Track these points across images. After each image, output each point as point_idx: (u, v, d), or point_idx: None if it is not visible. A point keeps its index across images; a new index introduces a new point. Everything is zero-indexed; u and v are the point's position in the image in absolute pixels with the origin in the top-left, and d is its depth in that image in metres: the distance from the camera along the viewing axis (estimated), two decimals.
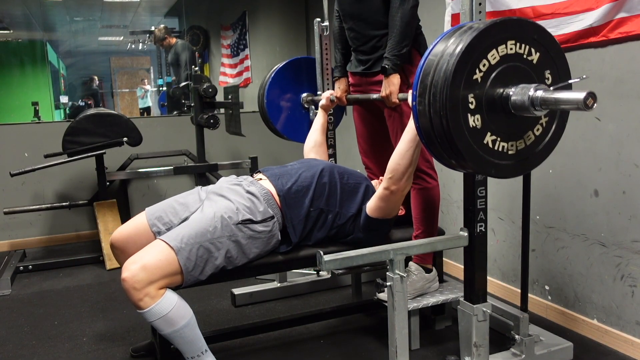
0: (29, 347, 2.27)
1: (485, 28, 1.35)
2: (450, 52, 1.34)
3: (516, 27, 1.40)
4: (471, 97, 1.36)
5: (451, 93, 1.32)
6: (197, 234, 1.68)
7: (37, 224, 3.95)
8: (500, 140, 1.43)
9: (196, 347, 1.68)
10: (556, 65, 1.48)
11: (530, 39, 1.42)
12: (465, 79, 1.34)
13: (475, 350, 1.74)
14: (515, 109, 1.38)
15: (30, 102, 5.15)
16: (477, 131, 1.38)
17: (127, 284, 1.57)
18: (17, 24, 6.36)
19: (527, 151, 1.49)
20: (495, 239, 2.62)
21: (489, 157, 1.42)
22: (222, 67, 6.71)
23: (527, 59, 1.43)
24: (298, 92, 2.68)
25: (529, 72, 1.43)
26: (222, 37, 6.66)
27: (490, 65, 1.37)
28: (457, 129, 1.34)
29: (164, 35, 5.77)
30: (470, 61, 1.34)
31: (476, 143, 1.38)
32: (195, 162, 3.86)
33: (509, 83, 1.40)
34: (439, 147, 1.42)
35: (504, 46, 1.38)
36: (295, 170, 1.97)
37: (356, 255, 1.62)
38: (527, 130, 1.48)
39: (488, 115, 1.39)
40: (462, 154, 1.37)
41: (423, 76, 1.40)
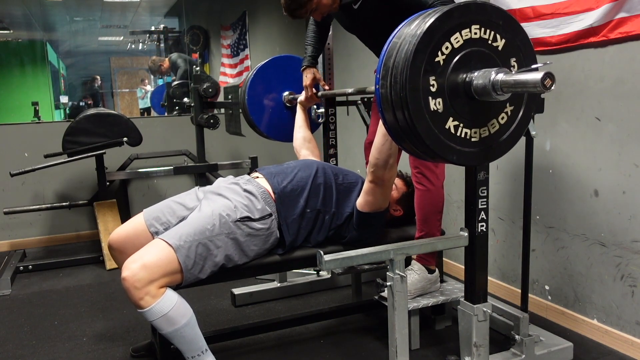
0: (29, 347, 2.27)
1: (448, 10, 1.32)
2: (413, 33, 1.31)
3: (481, 11, 1.36)
4: (432, 80, 1.32)
5: (411, 75, 1.29)
6: (195, 232, 1.68)
7: (37, 224, 3.95)
8: (463, 126, 1.39)
9: (196, 347, 1.68)
10: (522, 53, 1.44)
11: (495, 25, 1.38)
12: (426, 61, 1.30)
13: (475, 350, 1.74)
14: (478, 93, 1.35)
15: (30, 102, 5.14)
16: (438, 115, 1.34)
17: (128, 283, 1.58)
18: (17, 24, 6.36)
19: (491, 140, 1.45)
20: (495, 239, 2.62)
21: (451, 143, 1.37)
22: (222, 67, 6.71)
23: (492, 44, 1.39)
24: (280, 91, 2.64)
25: (494, 59, 1.39)
26: (222, 37, 6.66)
27: (453, 48, 1.33)
28: (417, 112, 1.30)
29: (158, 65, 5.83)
30: (432, 43, 1.30)
31: (437, 127, 1.34)
32: (195, 162, 3.86)
33: (472, 68, 1.36)
34: (400, 132, 1.39)
35: (468, 30, 1.35)
36: (291, 169, 1.97)
37: (356, 255, 1.62)
38: (491, 117, 1.44)
39: (450, 100, 1.35)
40: (422, 138, 1.33)
41: (386, 58, 1.37)
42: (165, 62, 5.77)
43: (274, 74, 2.61)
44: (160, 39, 6.69)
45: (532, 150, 1.89)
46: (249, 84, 2.57)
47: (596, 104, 2.07)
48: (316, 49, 2.43)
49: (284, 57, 2.65)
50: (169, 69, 5.78)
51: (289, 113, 2.62)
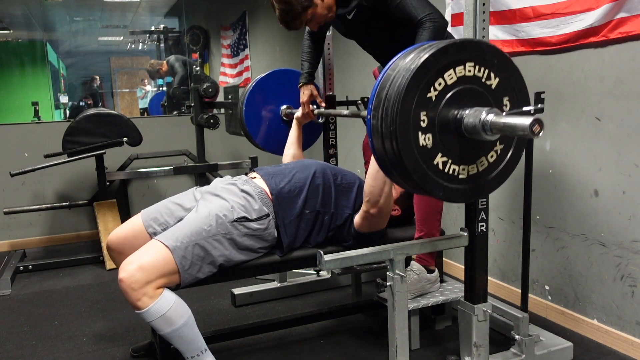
0: (29, 347, 2.27)
1: (443, 47, 1.31)
2: (407, 67, 1.31)
3: (477, 49, 1.36)
4: (423, 115, 1.31)
5: (402, 109, 1.28)
6: (192, 232, 1.68)
7: (37, 224, 3.95)
8: (451, 162, 1.38)
9: (195, 346, 1.68)
10: (515, 93, 1.43)
11: (490, 63, 1.38)
12: (418, 96, 1.30)
13: (475, 350, 1.74)
14: (468, 131, 1.34)
15: (30, 102, 5.15)
16: (427, 150, 1.33)
17: (125, 285, 1.57)
18: (17, 24, 6.37)
19: (479, 177, 1.44)
20: (495, 239, 2.62)
21: (438, 179, 1.37)
22: (222, 67, 6.71)
23: (486, 83, 1.38)
24: (278, 105, 2.62)
25: (487, 97, 1.39)
26: (222, 37, 6.66)
27: (446, 84, 1.33)
28: (406, 146, 1.30)
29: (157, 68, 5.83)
30: (425, 78, 1.30)
31: (425, 162, 1.34)
32: (195, 162, 3.86)
33: (464, 105, 1.35)
34: (388, 163, 1.39)
35: (462, 67, 1.34)
36: (289, 170, 1.97)
37: (356, 255, 1.62)
38: (480, 155, 1.43)
39: (440, 136, 1.35)
40: (409, 172, 1.32)
41: (379, 90, 1.36)
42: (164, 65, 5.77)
43: (273, 87, 2.60)
44: (160, 39, 6.70)
45: (532, 150, 1.89)
46: (248, 95, 2.56)
47: (596, 104, 2.07)
48: (312, 65, 2.41)
49: (284, 71, 2.64)
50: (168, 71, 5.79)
51: (286, 127, 2.59)
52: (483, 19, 1.62)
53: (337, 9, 2.05)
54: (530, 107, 1.43)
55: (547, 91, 2.02)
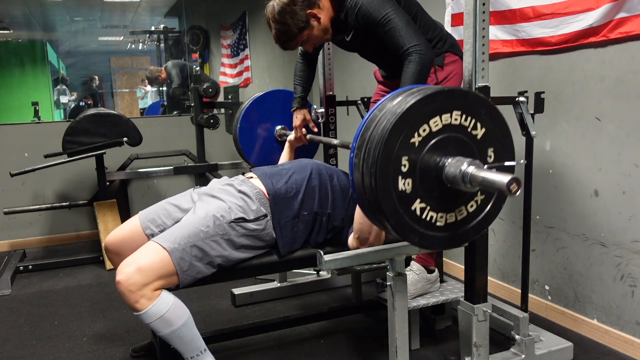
0: (29, 347, 2.27)
1: (432, 94, 1.30)
2: (393, 111, 1.30)
3: (464, 98, 1.35)
4: (405, 160, 1.30)
5: (384, 152, 1.27)
6: (189, 234, 1.68)
7: (37, 224, 3.95)
8: (430, 209, 1.36)
9: (195, 347, 1.68)
10: (501, 144, 1.42)
11: (477, 113, 1.36)
12: (401, 140, 1.28)
13: (475, 350, 1.74)
14: (448, 180, 1.33)
15: (30, 102, 5.15)
16: (405, 195, 1.32)
17: (122, 287, 1.57)
18: (17, 24, 6.37)
19: (456, 226, 1.42)
20: (495, 239, 2.62)
21: (414, 225, 1.35)
22: (222, 67, 6.71)
23: (472, 132, 1.37)
24: (273, 124, 2.60)
25: (471, 147, 1.37)
26: (222, 37, 6.66)
27: (430, 131, 1.32)
28: (384, 189, 1.29)
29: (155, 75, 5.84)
30: (410, 124, 1.28)
31: (403, 207, 1.32)
32: (195, 162, 3.86)
33: (447, 153, 1.34)
34: (366, 204, 1.38)
35: (448, 115, 1.33)
36: (286, 170, 1.96)
37: (356, 255, 1.62)
38: (460, 204, 1.41)
39: (420, 182, 1.33)
40: (385, 215, 1.31)
41: (364, 130, 1.36)
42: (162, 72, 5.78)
43: (270, 107, 2.58)
44: (160, 39, 6.70)
45: (532, 150, 1.89)
46: (243, 114, 2.55)
47: (596, 104, 2.07)
48: (305, 89, 2.40)
49: (281, 91, 2.62)
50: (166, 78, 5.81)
51: (279, 147, 2.58)
52: (483, 19, 1.62)
53: (333, 32, 2.06)
54: (513, 163, 1.42)
55: (547, 91, 2.02)
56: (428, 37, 2.03)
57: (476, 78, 1.65)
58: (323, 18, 1.99)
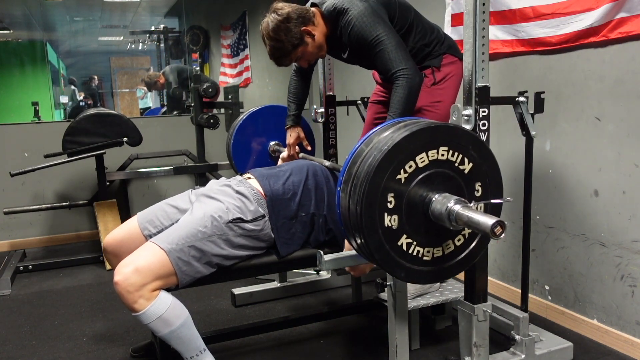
0: (29, 347, 2.27)
1: (418, 130, 1.30)
2: (379, 147, 1.30)
3: (451, 134, 1.34)
4: (391, 197, 1.30)
5: (370, 189, 1.27)
6: (187, 234, 1.68)
7: (37, 224, 3.95)
8: (416, 244, 1.35)
9: (194, 347, 1.68)
10: (488, 179, 1.42)
11: (464, 148, 1.36)
12: (387, 177, 1.28)
13: (475, 350, 1.74)
14: (434, 217, 1.32)
15: (30, 102, 5.14)
16: (392, 231, 1.32)
17: (120, 287, 1.57)
18: (17, 24, 6.37)
19: (443, 260, 1.40)
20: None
21: (401, 260, 1.34)
22: (222, 67, 6.71)
23: (459, 167, 1.37)
24: (267, 139, 2.60)
25: (459, 182, 1.37)
26: (222, 37, 6.66)
27: (417, 167, 1.31)
28: (370, 226, 1.29)
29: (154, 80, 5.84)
30: (396, 161, 1.28)
31: (389, 243, 1.32)
32: (195, 162, 3.86)
33: (434, 189, 1.34)
34: (352, 238, 1.39)
35: (435, 151, 1.32)
36: (284, 172, 1.96)
37: (356, 255, 1.62)
38: (447, 239, 1.40)
39: (407, 217, 1.33)
40: (371, 251, 1.31)
41: (351, 164, 1.35)
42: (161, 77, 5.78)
43: (264, 122, 2.58)
44: (160, 39, 6.70)
45: (532, 150, 1.89)
46: (238, 128, 2.54)
47: (596, 104, 2.07)
48: (299, 106, 2.41)
49: (277, 107, 2.61)
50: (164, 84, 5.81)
51: (273, 163, 2.58)
52: (483, 19, 1.62)
53: (329, 49, 2.08)
54: (500, 200, 1.42)
55: (547, 91, 2.02)
56: (425, 42, 2.05)
57: (476, 78, 1.66)
58: (317, 35, 2.00)
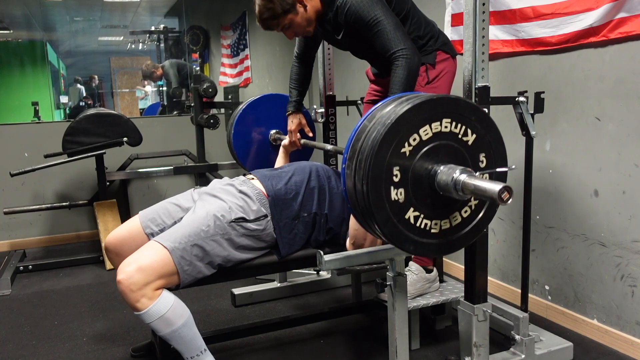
0: (29, 347, 2.27)
1: (420, 103, 1.30)
2: (382, 122, 1.30)
3: (454, 106, 1.34)
4: (396, 170, 1.30)
5: (375, 163, 1.27)
6: (190, 233, 1.68)
7: (37, 224, 3.95)
8: (423, 217, 1.36)
9: (195, 347, 1.68)
10: (492, 150, 1.42)
11: (467, 120, 1.36)
12: (392, 151, 1.28)
13: (475, 350, 1.74)
14: (440, 188, 1.33)
15: (30, 102, 5.15)
16: (399, 205, 1.32)
17: (123, 286, 1.57)
18: (17, 24, 6.37)
19: (451, 232, 1.41)
20: (495, 239, 2.62)
21: (409, 233, 1.35)
22: (222, 67, 6.71)
23: (463, 139, 1.37)
24: (268, 128, 2.59)
25: (463, 153, 1.37)
26: (222, 37, 6.66)
27: (421, 140, 1.31)
28: (377, 200, 1.29)
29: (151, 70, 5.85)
30: (400, 134, 1.28)
31: (396, 217, 1.32)
32: (195, 162, 3.86)
33: (439, 161, 1.34)
34: (360, 214, 1.38)
35: (438, 123, 1.33)
36: (286, 173, 1.97)
37: (356, 255, 1.62)
38: (454, 210, 1.40)
39: (413, 191, 1.33)
40: (379, 225, 1.31)
41: (354, 141, 1.36)
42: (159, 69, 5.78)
43: (264, 111, 2.57)
44: (160, 39, 6.71)
45: (532, 150, 1.89)
46: (238, 118, 2.53)
47: (596, 104, 2.07)
48: (301, 92, 2.41)
49: (275, 96, 2.61)
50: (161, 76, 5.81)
51: (274, 152, 2.57)
52: (483, 19, 1.62)
53: (321, 29, 2.07)
54: (505, 169, 1.42)
55: (547, 91, 2.02)
56: (420, 34, 2.03)
57: (476, 78, 1.66)
58: (309, 8, 1.99)
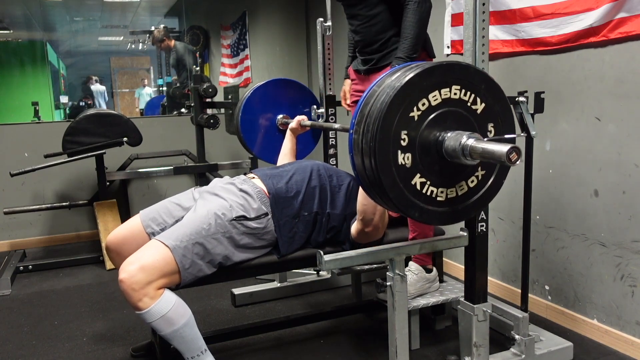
0: (29, 347, 2.27)
1: (430, 68, 1.30)
2: (392, 85, 1.30)
3: (464, 73, 1.35)
4: (404, 134, 1.30)
5: (383, 126, 1.27)
6: (191, 232, 1.69)
7: (37, 224, 3.95)
8: (430, 184, 1.36)
9: (195, 347, 1.68)
10: (501, 119, 1.42)
11: (477, 88, 1.36)
12: (401, 114, 1.29)
13: (475, 350, 1.74)
14: (448, 154, 1.33)
15: (30, 102, 5.14)
16: (405, 170, 1.32)
17: (125, 285, 1.57)
18: (17, 24, 6.36)
19: (457, 201, 1.41)
20: (495, 239, 2.62)
21: (415, 199, 1.35)
22: (222, 67, 6.70)
23: (471, 107, 1.37)
24: (275, 114, 2.61)
25: (471, 121, 1.37)
26: (222, 37, 6.65)
27: (430, 105, 1.32)
28: (384, 164, 1.29)
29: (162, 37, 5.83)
30: (409, 98, 1.29)
31: (403, 182, 1.32)
32: (195, 162, 3.86)
33: (447, 128, 1.34)
34: (366, 180, 1.38)
35: (447, 90, 1.33)
36: (287, 171, 1.97)
37: (356, 255, 1.62)
38: (461, 179, 1.41)
39: (420, 156, 1.33)
40: (385, 190, 1.31)
41: (363, 105, 1.35)
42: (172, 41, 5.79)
43: (271, 96, 2.59)
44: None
45: (532, 150, 1.89)
46: (244, 104, 2.55)
47: (596, 104, 2.07)
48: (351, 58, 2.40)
49: (283, 80, 2.63)
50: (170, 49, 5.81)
51: (281, 137, 2.57)
52: (483, 19, 1.62)
53: None
54: (513, 135, 1.42)
55: (547, 91, 2.02)
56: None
57: None
58: None
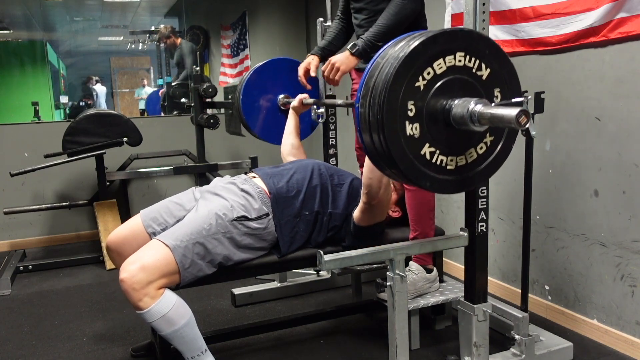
0: (29, 347, 2.27)
1: (433, 36, 1.29)
2: (395, 55, 1.29)
3: (467, 39, 1.34)
4: (411, 105, 1.29)
5: (390, 97, 1.26)
6: (192, 231, 1.69)
7: (37, 224, 3.95)
8: (439, 153, 1.36)
9: (196, 347, 1.68)
10: (507, 84, 1.41)
11: (481, 54, 1.35)
12: (406, 85, 1.28)
13: (475, 350, 1.74)
14: (456, 122, 1.32)
15: (30, 102, 5.14)
16: (414, 140, 1.31)
17: (126, 285, 1.57)
18: (17, 24, 6.36)
19: (467, 169, 1.41)
20: (495, 239, 2.62)
21: (425, 169, 1.34)
22: (222, 67, 6.71)
23: (477, 73, 1.36)
24: (275, 94, 2.60)
25: (477, 88, 1.36)
26: (222, 37, 6.65)
27: (435, 74, 1.31)
28: (392, 135, 1.28)
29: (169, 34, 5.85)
30: (414, 68, 1.28)
31: (412, 152, 1.31)
32: (195, 162, 3.86)
33: (453, 95, 1.33)
34: (375, 153, 1.36)
35: (452, 57, 1.32)
36: (287, 171, 1.97)
37: (356, 255, 1.62)
38: (469, 147, 1.41)
39: (428, 126, 1.32)
40: (395, 162, 1.30)
41: (368, 78, 1.34)
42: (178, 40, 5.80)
43: (271, 76, 2.58)
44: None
45: (532, 150, 1.89)
46: (245, 85, 2.54)
47: (596, 104, 2.07)
48: (330, 43, 2.37)
49: (282, 60, 2.63)
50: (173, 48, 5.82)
51: (283, 117, 2.58)
52: (483, 19, 1.62)
53: None
54: (521, 99, 1.40)
55: (547, 91, 2.02)
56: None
57: None
58: None
